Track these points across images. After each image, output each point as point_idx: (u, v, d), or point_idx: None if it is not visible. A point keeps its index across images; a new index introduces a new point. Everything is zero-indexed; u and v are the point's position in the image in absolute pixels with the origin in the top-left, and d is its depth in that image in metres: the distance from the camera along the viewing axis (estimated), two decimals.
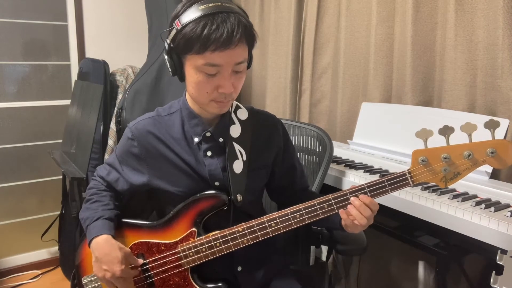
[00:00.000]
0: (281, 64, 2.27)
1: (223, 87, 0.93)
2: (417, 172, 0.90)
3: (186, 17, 0.90)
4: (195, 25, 0.88)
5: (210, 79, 0.93)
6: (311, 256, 1.56)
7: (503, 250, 0.98)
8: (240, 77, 0.97)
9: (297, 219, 0.96)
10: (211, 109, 0.99)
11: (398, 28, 1.67)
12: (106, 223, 1.05)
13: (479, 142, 0.85)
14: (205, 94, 0.95)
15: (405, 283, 1.77)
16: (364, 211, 0.92)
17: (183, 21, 0.90)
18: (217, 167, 1.05)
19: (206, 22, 0.87)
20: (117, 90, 2.39)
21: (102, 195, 1.12)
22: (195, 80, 0.94)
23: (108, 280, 1.01)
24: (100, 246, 1.01)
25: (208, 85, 0.94)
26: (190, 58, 0.92)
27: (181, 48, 0.92)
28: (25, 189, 2.55)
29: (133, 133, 1.07)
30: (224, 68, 0.92)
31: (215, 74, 0.92)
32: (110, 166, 1.13)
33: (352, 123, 1.89)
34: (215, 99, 0.96)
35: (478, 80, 1.43)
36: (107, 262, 1.00)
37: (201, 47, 0.88)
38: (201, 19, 0.88)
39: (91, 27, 2.58)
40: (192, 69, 0.94)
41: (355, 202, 0.92)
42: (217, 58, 0.90)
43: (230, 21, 0.88)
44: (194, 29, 0.88)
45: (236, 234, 0.99)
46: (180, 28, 0.90)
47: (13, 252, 2.54)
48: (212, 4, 0.89)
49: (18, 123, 2.48)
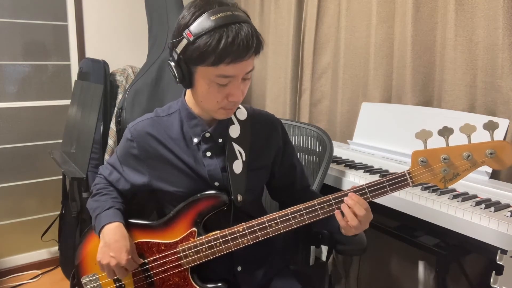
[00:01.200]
0: (281, 64, 2.27)
1: (233, 96, 0.94)
2: (417, 172, 0.90)
3: (198, 27, 0.87)
4: (209, 37, 0.86)
5: (221, 88, 0.93)
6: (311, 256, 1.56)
7: (503, 250, 0.98)
8: (247, 83, 0.98)
9: (297, 219, 0.96)
10: (219, 115, 1.00)
11: (398, 28, 1.67)
12: (118, 213, 1.06)
13: (478, 143, 0.86)
14: (215, 103, 0.96)
15: (405, 283, 1.77)
16: (358, 210, 0.91)
17: (194, 31, 0.87)
18: (217, 167, 1.05)
19: (221, 34, 0.86)
20: (117, 90, 2.39)
21: (110, 189, 1.13)
22: (205, 90, 0.94)
23: (111, 268, 1.01)
24: (112, 233, 1.02)
25: (219, 94, 0.94)
26: (202, 69, 0.91)
27: (193, 60, 0.90)
28: (25, 189, 2.55)
29: (132, 134, 1.07)
30: (235, 78, 0.92)
31: (226, 84, 0.92)
32: (112, 166, 1.14)
33: (352, 123, 1.89)
34: (224, 106, 0.97)
35: (478, 80, 1.43)
36: (115, 249, 1.00)
37: (216, 60, 0.87)
38: (215, 31, 0.86)
39: (91, 27, 2.58)
40: (203, 79, 0.93)
41: (348, 201, 0.92)
42: (230, 70, 0.90)
43: (244, 31, 0.87)
44: (209, 42, 0.86)
45: (236, 234, 0.99)
46: (192, 40, 0.87)
47: (13, 252, 2.54)
48: (223, 14, 0.87)
49: (18, 123, 2.48)
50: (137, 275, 1.07)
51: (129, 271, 1.04)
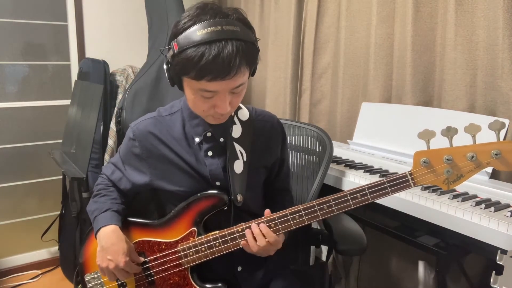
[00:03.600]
0: (281, 64, 2.27)
1: (219, 108, 0.93)
2: (419, 173, 0.88)
3: (184, 40, 0.86)
4: (192, 52, 0.85)
5: (207, 100, 0.93)
6: (311, 256, 1.56)
7: (503, 250, 0.98)
8: (238, 95, 0.96)
9: (296, 220, 0.96)
10: (209, 121, 1.01)
11: (398, 28, 1.67)
12: (115, 215, 1.06)
13: (483, 143, 0.83)
14: (202, 111, 0.97)
15: (405, 283, 1.77)
16: (259, 240, 0.96)
17: (180, 43, 0.86)
18: (218, 167, 1.05)
19: (203, 51, 0.84)
20: (117, 90, 2.39)
21: (109, 190, 1.13)
22: (192, 99, 0.95)
23: (110, 271, 1.02)
24: (108, 236, 1.02)
25: (205, 105, 0.94)
26: (187, 79, 0.91)
27: (178, 70, 0.91)
28: (25, 189, 2.54)
29: (134, 133, 1.08)
30: (221, 92, 0.91)
31: (212, 96, 0.92)
32: (114, 166, 1.15)
33: (352, 123, 1.89)
34: (212, 115, 0.97)
35: (478, 80, 1.43)
36: (112, 252, 1.01)
37: (197, 76, 0.87)
38: (199, 46, 0.84)
39: (91, 27, 2.58)
40: (189, 89, 0.93)
41: (254, 230, 0.96)
42: (213, 86, 0.89)
43: (228, 50, 0.84)
44: (191, 57, 0.85)
45: (235, 234, 0.99)
46: (177, 51, 0.87)
47: (13, 252, 2.54)
48: (212, 28, 0.85)
49: (18, 123, 2.48)
50: (138, 274, 1.07)
51: (130, 273, 1.04)
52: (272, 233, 0.96)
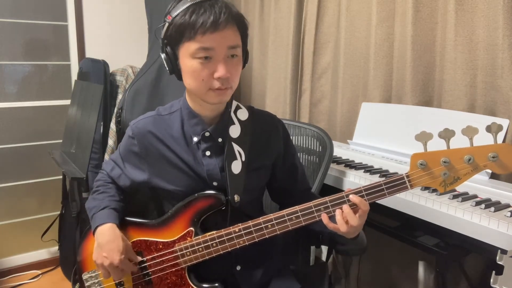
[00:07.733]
0: (281, 64, 2.27)
1: (218, 71, 0.94)
2: (416, 176, 0.88)
3: (176, 9, 0.94)
4: (184, 13, 0.93)
5: (205, 64, 0.93)
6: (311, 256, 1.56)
7: (503, 250, 0.97)
8: (236, 64, 0.98)
9: (293, 221, 0.95)
10: (210, 99, 0.98)
11: (398, 28, 1.67)
12: (112, 213, 1.07)
13: (480, 146, 0.83)
14: (201, 82, 0.95)
15: (405, 283, 1.77)
16: (351, 219, 0.91)
17: (173, 13, 0.94)
18: (215, 167, 1.05)
19: (194, 9, 0.92)
20: (117, 90, 2.39)
21: (108, 187, 1.14)
22: (190, 69, 0.95)
23: (105, 268, 1.02)
24: (104, 233, 1.03)
25: (203, 72, 0.94)
26: (183, 47, 0.94)
27: (173, 39, 0.95)
28: (25, 189, 2.55)
29: (133, 132, 1.08)
30: (217, 51, 0.93)
31: (209, 59, 0.93)
32: (114, 162, 1.15)
33: (352, 123, 1.89)
34: (212, 87, 0.95)
35: (478, 80, 1.43)
36: (108, 250, 1.01)
37: (191, 32, 0.91)
38: (189, 7, 0.92)
39: (91, 27, 2.58)
40: (186, 58, 0.95)
41: (354, 199, 0.91)
42: (208, 41, 0.92)
43: (218, 5, 0.93)
44: (183, 17, 0.92)
45: (232, 235, 0.99)
46: (171, 20, 0.94)
47: (13, 252, 2.54)
48: None
49: (18, 123, 2.48)
50: (135, 273, 1.07)
51: (126, 271, 1.04)
52: (364, 202, 0.91)
